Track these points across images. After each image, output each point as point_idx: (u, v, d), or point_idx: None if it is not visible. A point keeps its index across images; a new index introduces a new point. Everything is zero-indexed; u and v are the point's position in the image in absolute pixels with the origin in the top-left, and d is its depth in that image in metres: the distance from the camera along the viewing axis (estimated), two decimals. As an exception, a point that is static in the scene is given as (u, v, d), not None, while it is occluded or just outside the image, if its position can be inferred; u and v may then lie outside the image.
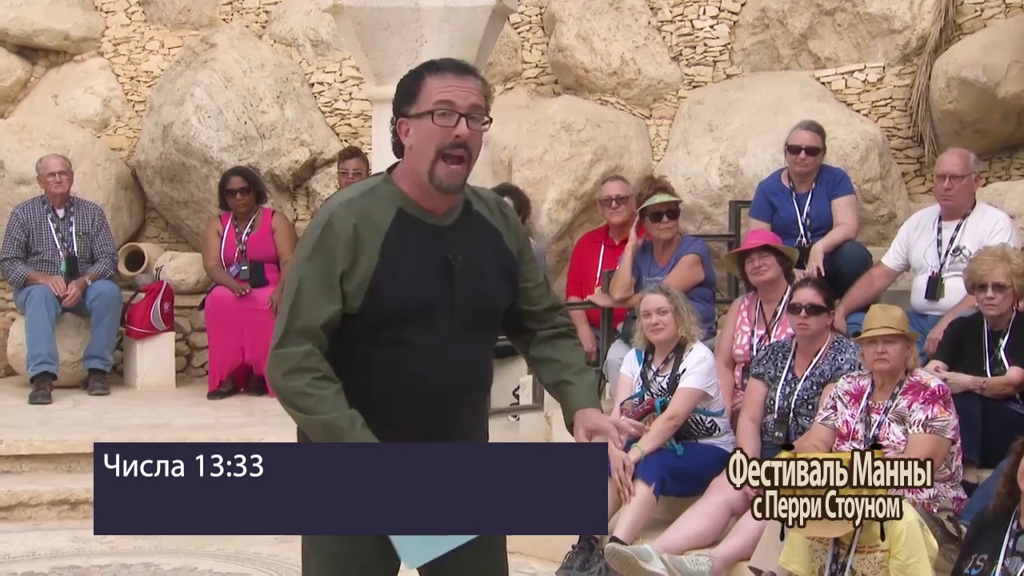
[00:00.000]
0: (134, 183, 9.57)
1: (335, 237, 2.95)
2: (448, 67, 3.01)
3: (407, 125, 3.01)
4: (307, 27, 9.60)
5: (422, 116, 2.97)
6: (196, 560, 6.05)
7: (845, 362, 5.74)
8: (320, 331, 2.94)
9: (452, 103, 2.96)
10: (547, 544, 6.01)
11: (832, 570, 4.59)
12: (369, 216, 2.97)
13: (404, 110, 3.01)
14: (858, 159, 7.96)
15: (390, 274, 2.95)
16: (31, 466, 7.13)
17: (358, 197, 3.02)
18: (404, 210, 3.00)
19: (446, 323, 2.99)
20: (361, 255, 2.94)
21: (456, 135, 2.96)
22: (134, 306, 8.76)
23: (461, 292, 3.01)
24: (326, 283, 2.94)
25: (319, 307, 2.94)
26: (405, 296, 2.96)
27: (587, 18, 8.99)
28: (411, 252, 2.97)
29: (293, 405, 2.94)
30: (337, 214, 2.98)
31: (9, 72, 9.72)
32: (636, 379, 6.08)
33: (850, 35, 8.59)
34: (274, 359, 2.95)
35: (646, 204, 6.83)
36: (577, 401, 3.17)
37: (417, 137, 2.99)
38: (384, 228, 2.96)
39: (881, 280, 6.66)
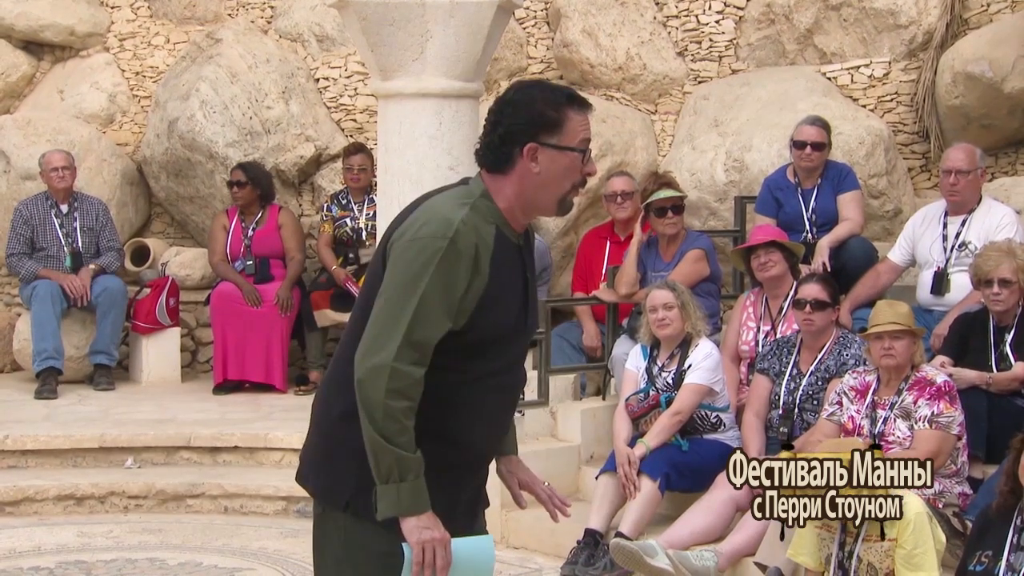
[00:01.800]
0: (139, 178, 9.58)
1: (458, 256, 2.92)
2: (584, 103, 3.09)
3: (541, 153, 3.01)
4: (312, 22, 9.59)
5: (566, 150, 3.02)
6: (201, 555, 6.06)
7: (850, 357, 5.74)
8: (431, 348, 2.92)
9: (589, 141, 3.08)
10: (552, 539, 6.01)
11: (839, 558, 4.59)
12: (482, 235, 2.97)
13: (542, 138, 3.01)
14: (864, 154, 7.95)
15: (494, 293, 2.97)
16: (37, 461, 7.14)
17: (470, 214, 2.98)
18: (500, 229, 3.02)
19: (521, 339, 3.12)
20: (476, 276, 2.95)
21: (588, 172, 3.07)
22: (139, 301, 8.77)
23: (531, 311, 3.12)
24: (447, 300, 2.92)
25: (439, 324, 2.92)
26: (506, 314, 3.02)
27: (592, 13, 8.98)
28: (507, 271, 3.02)
29: (378, 424, 2.88)
30: (461, 232, 2.94)
31: (15, 67, 9.72)
32: (641, 374, 6.08)
33: (856, 30, 8.57)
34: (386, 372, 2.87)
35: (650, 199, 6.83)
36: (510, 447, 3.31)
37: (553, 167, 3.02)
38: (491, 248, 2.98)
39: (887, 275, 6.65)
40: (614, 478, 5.83)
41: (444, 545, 2.92)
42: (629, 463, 5.74)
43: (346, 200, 8.67)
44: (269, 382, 8.55)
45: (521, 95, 3.07)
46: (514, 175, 3.02)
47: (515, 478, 3.32)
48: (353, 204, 8.60)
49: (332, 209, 8.68)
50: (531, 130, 3.01)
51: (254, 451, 7.26)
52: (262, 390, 8.52)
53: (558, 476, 6.55)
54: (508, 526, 6.28)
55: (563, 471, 6.57)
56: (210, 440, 7.27)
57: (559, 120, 3.02)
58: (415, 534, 2.90)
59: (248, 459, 7.25)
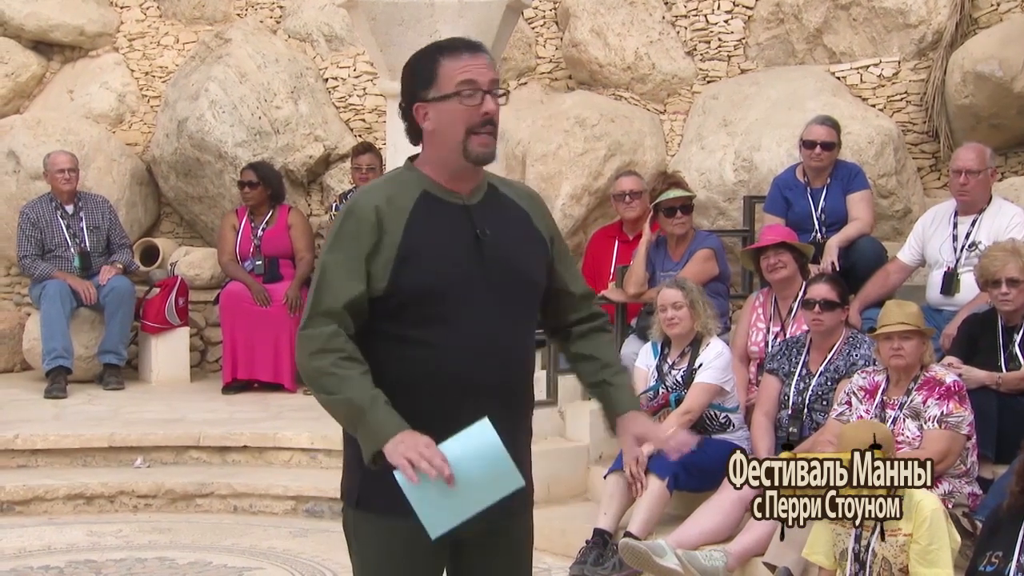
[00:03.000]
0: (149, 178, 9.59)
1: (356, 222, 2.96)
2: (461, 47, 3.02)
3: (425, 109, 3.00)
4: (321, 22, 9.60)
5: (445, 99, 2.97)
6: (211, 554, 6.07)
7: (860, 358, 5.73)
8: (344, 312, 2.93)
9: (474, 81, 2.96)
10: (561, 539, 6.01)
11: (855, 550, 4.59)
12: (392, 199, 2.98)
13: (421, 95, 3.00)
14: (873, 154, 7.94)
15: (416, 252, 2.94)
16: (46, 460, 7.15)
17: (381, 184, 3.06)
18: (428, 191, 3.01)
19: (482, 298, 2.97)
20: (384, 235, 2.94)
21: (485, 112, 2.97)
22: (149, 301, 8.78)
23: (493, 265, 2.99)
24: (349, 266, 2.94)
25: (343, 288, 2.93)
26: (435, 272, 2.94)
27: (601, 13, 8.97)
28: (437, 229, 2.97)
29: (318, 385, 2.93)
30: (359, 201, 3.00)
31: (24, 67, 9.75)
32: (651, 372, 6.07)
33: (865, 29, 8.56)
34: (300, 340, 2.95)
35: (659, 199, 6.83)
36: (621, 404, 3.15)
37: (441, 120, 2.99)
38: (408, 208, 2.97)
39: (896, 275, 6.64)
40: (622, 478, 5.82)
41: (423, 444, 2.81)
42: (637, 462, 5.74)
43: (355, 200, 8.67)
44: (278, 381, 8.56)
45: (406, 63, 3.10)
46: (424, 141, 3.04)
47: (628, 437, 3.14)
48: (362, 204, 8.59)
49: (341, 209, 8.69)
50: (414, 91, 3.02)
51: (263, 451, 7.26)
52: (271, 390, 8.53)
53: (566, 476, 6.56)
54: (517, 526, 6.27)
55: (571, 471, 6.57)
56: (219, 440, 7.28)
57: (432, 72, 2.99)
58: (393, 456, 2.81)
59: (257, 459, 7.26)
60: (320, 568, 5.84)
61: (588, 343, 3.22)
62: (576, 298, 3.22)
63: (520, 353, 3.08)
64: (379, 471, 2.88)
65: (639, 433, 3.12)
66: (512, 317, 3.02)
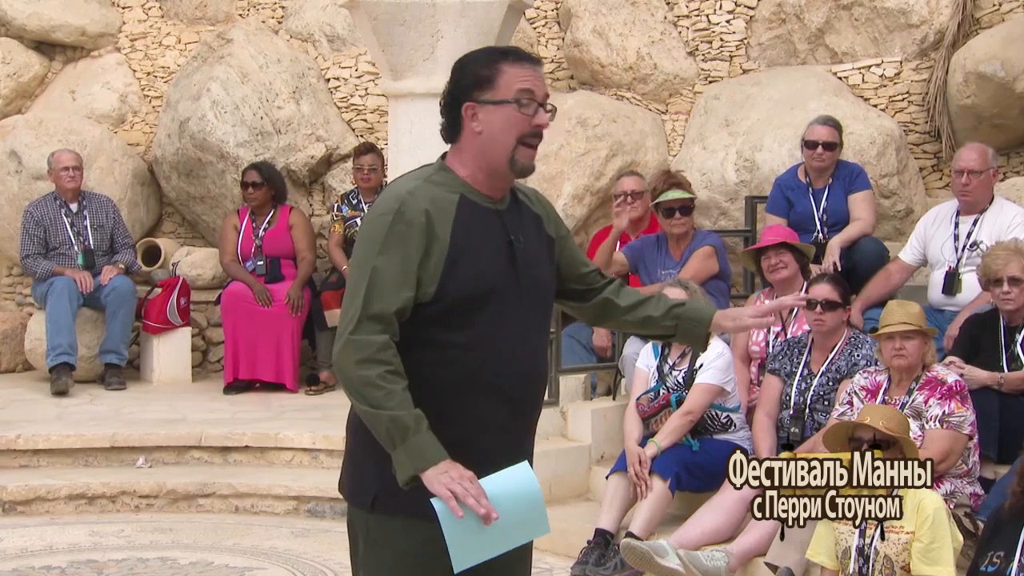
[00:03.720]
0: (151, 178, 9.60)
1: (408, 225, 2.92)
2: (524, 57, 3.06)
3: (476, 110, 3.01)
4: (323, 22, 9.60)
5: (501, 103, 2.99)
6: (212, 555, 6.07)
7: (861, 358, 5.72)
8: (394, 318, 2.90)
9: (533, 92, 3.01)
10: (562, 540, 6.01)
11: (859, 546, 4.59)
12: (437, 202, 2.96)
13: (476, 96, 3.00)
14: (875, 154, 7.93)
15: (462, 258, 2.94)
16: (48, 460, 7.15)
17: (423, 184, 3.00)
18: (465, 196, 3.01)
19: (515, 304, 3.00)
20: (434, 242, 2.93)
21: (537, 124, 3.02)
22: (150, 301, 8.79)
23: (522, 271, 3.03)
24: (402, 270, 2.91)
25: (395, 294, 2.90)
26: (477, 278, 2.95)
27: (603, 13, 8.97)
28: (478, 236, 2.98)
29: (360, 395, 2.89)
30: (407, 202, 2.95)
31: (27, 67, 9.75)
32: (652, 373, 6.07)
33: (867, 29, 8.55)
34: (348, 345, 2.89)
35: (659, 200, 6.83)
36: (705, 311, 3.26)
37: (493, 124, 3.00)
38: (452, 213, 2.96)
39: (898, 275, 6.63)
40: (624, 478, 5.82)
41: (468, 478, 2.83)
42: (640, 463, 5.74)
43: (357, 200, 8.68)
44: (280, 382, 8.56)
45: (459, 61, 3.09)
46: (465, 140, 3.03)
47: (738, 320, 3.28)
48: (364, 204, 8.60)
49: (343, 209, 8.69)
50: (467, 91, 3.01)
51: (265, 451, 7.26)
52: (273, 390, 8.53)
53: (568, 476, 6.55)
54: (518, 526, 6.27)
55: (573, 471, 6.57)
56: (221, 440, 7.28)
57: (492, 75, 3.00)
58: (435, 484, 2.82)
59: (259, 459, 7.26)
60: (322, 568, 5.84)
61: (626, 294, 3.29)
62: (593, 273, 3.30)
63: (542, 358, 3.15)
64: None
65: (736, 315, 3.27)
66: (536, 323, 3.08)
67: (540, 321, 3.10)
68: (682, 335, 3.28)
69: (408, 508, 2.93)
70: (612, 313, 3.30)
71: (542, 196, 3.25)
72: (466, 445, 2.94)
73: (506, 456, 2.99)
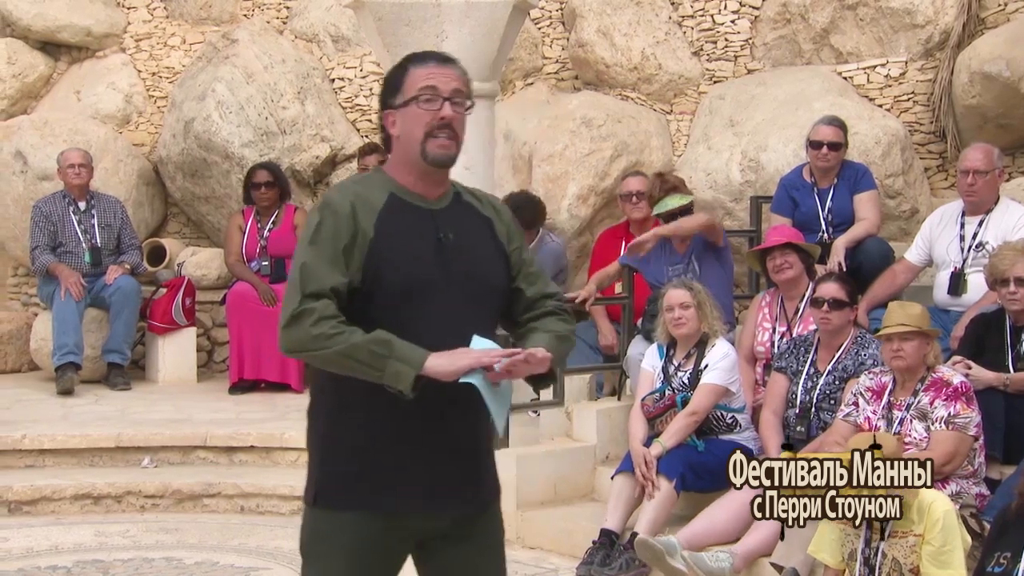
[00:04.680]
0: (156, 179, 9.61)
1: (333, 215, 3.06)
2: (430, 57, 3.18)
3: (393, 116, 3.15)
4: (328, 23, 9.61)
5: (408, 104, 3.12)
6: (217, 555, 6.07)
7: (867, 357, 5.72)
8: (332, 294, 3.00)
9: (435, 88, 3.10)
10: (568, 540, 6.01)
11: (865, 554, 4.58)
12: (363, 197, 3.10)
13: (390, 102, 3.16)
14: (880, 154, 7.93)
15: (386, 251, 3.05)
16: (54, 460, 7.16)
17: (350, 184, 3.17)
18: (396, 194, 3.13)
19: (444, 299, 3.07)
20: (359, 232, 3.04)
21: (441, 116, 3.09)
22: (156, 301, 8.80)
23: (454, 268, 3.10)
24: (330, 257, 3.02)
25: (327, 276, 3.00)
26: (401, 271, 3.05)
27: (608, 13, 8.97)
28: (404, 231, 3.09)
29: (328, 345, 2.96)
30: (333, 197, 3.11)
31: (32, 68, 9.76)
32: (657, 374, 6.07)
33: (872, 30, 8.55)
34: (294, 319, 2.98)
35: (660, 210, 6.77)
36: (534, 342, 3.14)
37: (404, 124, 3.13)
38: (377, 208, 3.09)
39: (903, 275, 6.63)
40: (630, 478, 5.82)
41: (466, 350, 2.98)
42: (646, 463, 5.74)
43: (361, 200, 8.68)
44: (285, 382, 8.56)
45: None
46: (393, 146, 3.19)
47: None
48: (368, 204, 8.60)
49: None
50: (384, 100, 3.18)
51: (270, 451, 7.27)
52: (278, 390, 8.54)
53: (573, 477, 6.55)
54: (523, 526, 6.28)
55: (578, 471, 6.57)
56: (226, 440, 7.29)
57: (400, 80, 3.15)
58: (449, 367, 2.95)
59: (264, 459, 7.27)
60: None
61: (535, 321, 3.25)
62: (529, 299, 3.27)
63: None
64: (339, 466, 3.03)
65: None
66: (472, 318, 3.10)
67: (478, 313, 3.13)
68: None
69: (350, 503, 3.03)
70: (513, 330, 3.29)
71: (498, 202, 3.33)
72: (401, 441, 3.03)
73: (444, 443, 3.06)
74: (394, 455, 3.04)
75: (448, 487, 3.08)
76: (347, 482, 3.03)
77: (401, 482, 3.04)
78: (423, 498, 3.06)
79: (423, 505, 3.06)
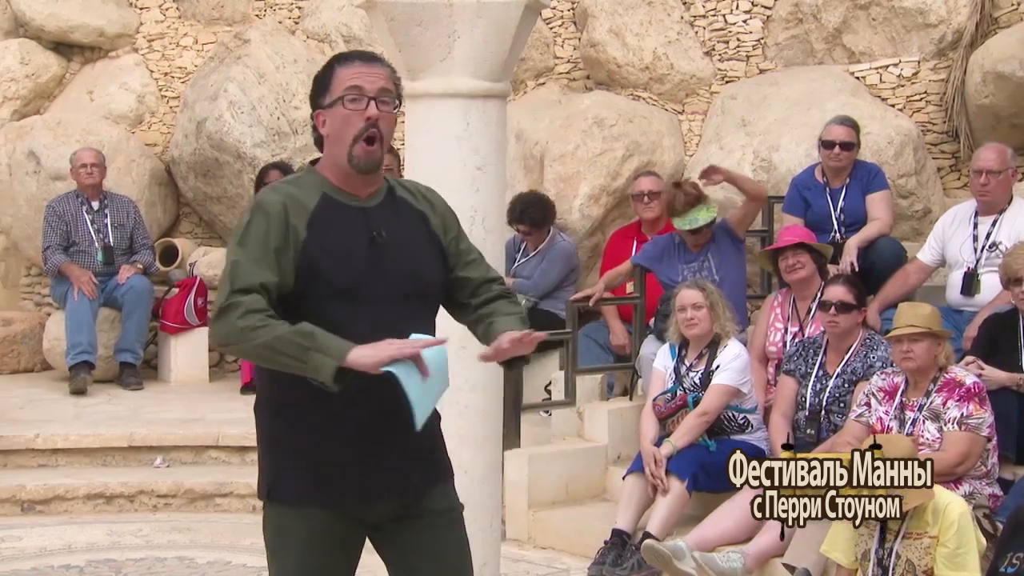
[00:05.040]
0: (168, 179, 9.63)
1: (264, 216, 3.07)
2: (355, 57, 3.20)
3: (323, 116, 3.17)
4: (340, 23, 9.62)
5: (334, 104, 3.14)
6: (230, 554, 6.08)
7: (877, 359, 5.71)
8: (261, 289, 3.01)
9: (361, 88, 3.12)
10: (579, 540, 6.02)
11: (879, 555, 4.57)
12: (296, 198, 3.11)
13: (319, 102, 3.18)
14: (893, 154, 7.91)
15: (318, 251, 3.06)
16: (67, 460, 7.18)
17: (283, 185, 3.18)
18: (328, 194, 3.14)
19: (378, 296, 3.09)
20: (291, 233, 3.06)
21: (367, 117, 3.11)
22: (168, 301, 8.82)
23: (388, 266, 3.12)
24: (259, 255, 3.03)
25: (255, 273, 3.01)
26: (334, 270, 3.06)
27: (619, 13, 8.97)
28: (336, 230, 3.10)
29: (252, 337, 2.97)
30: (265, 198, 3.13)
31: (45, 68, 9.79)
32: (669, 374, 6.06)
33: (885, 29, 8.53)
34: (223, 312, 3.00)
35: (688, 226, 6.66)
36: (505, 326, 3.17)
37: (332, 125, 3.15)
38: (310, 208, 3.10)
39: (916, 276, 6.61)
40: (641, 478, 5.82)
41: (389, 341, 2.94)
42: (656, 463, 5.74)
43: (373, 200, 8.69)
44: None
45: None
46: (325, 146, 3.20)
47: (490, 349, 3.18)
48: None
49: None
50: (313, 100, 3.21)
51: (282, 450, 7.27)
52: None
53: (584, 476, 6.55)
54: (535, 526, 6.28)
55: (590, 471, 6.57)
56: (238, 439, 7.30)
57: (327, 80, 3.17)
58: (370, 358, 2.92)
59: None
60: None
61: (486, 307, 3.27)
62: (475, 283, 3.30)
63: None
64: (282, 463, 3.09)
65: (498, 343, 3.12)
66: (408, 314, 3.12)
67: (415, 313, 3.14)
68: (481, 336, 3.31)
69: (295, 498, 3.09)
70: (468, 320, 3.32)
71: (433, 194, 3.33)
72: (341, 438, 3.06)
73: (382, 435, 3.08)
74: (332, 451, 3.07)
75: (388, 477, 3.11)
76: (291, 478, 3.09)
77: (341, 476, 3.08)
78: (364, 489, 3.10)
79: (365, 495, 3.10)
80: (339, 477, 3.09)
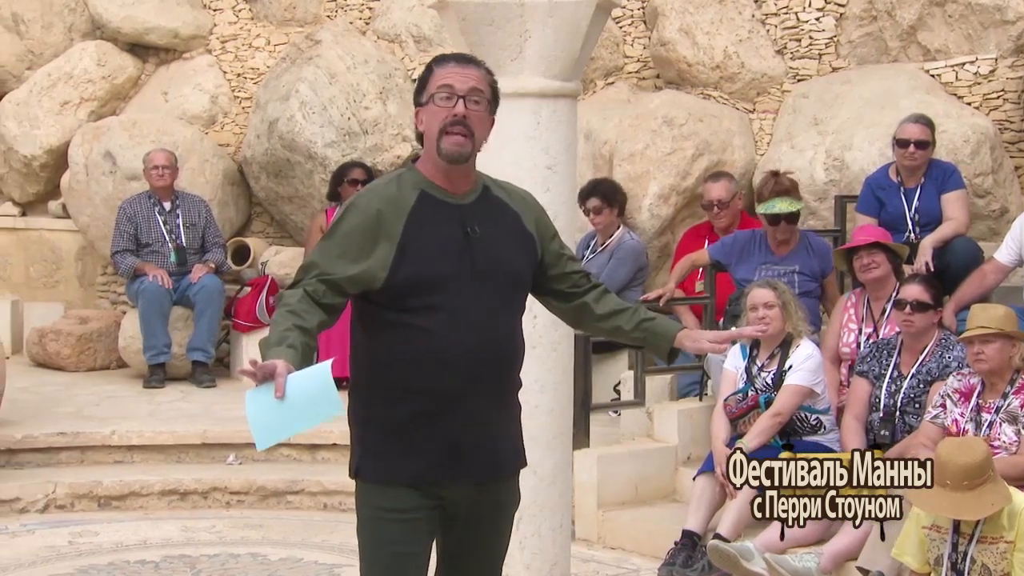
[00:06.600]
0: (240, 179, 9.72)
1: (357, 216, 3.29)
2: (452, 58, 3.39)
3: (421, 113, 3.36)
4: (410, 23, 9.66)
5: (428, 102, 3.33)
6: (302, 551, 6.13)
7: (952, 360, 5.63)
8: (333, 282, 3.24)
9: (452, 87, 3.30)
10: (649, 540, 6.00)
11: (952, 560, 4.51)
12: (394, 200, 3.30)
13: (418, 100, 3.38)
14: (969, 153, 7.80)
15: (414, 247, 3.25)
16: (142, 456, 7.28)
17: (382, 185, 3.38)
18: (426, 192, 3.33)
19: (470, 288, 3.27)
20: (384, 235, 3.26)
21: (454, 113, 3.28)
22: (240, 300, 8.90)
23: (480, 259, 3.30)
24: (340, 252, 3.26)
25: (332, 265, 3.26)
26: (427, 265, 3.25)
27: (690, 12, 8.92)
28: (433, 226, 3.29)
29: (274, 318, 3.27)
30: (361, 198, 3.34)
31: (121, 70, 9.93)
32: (740, 374, 6.02)
33: (961, 26, 8.41)
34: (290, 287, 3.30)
35: (766, 211, 6.68)
36: (671, 327, 3.51)
37: (427, 121, 3.34)
38: (408, 208, 3.29)
39: (993, 276, 6.51)
40: (712, 479, 5.79)
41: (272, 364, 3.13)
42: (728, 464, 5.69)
43: (443, 200, 8.71)
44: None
45: None
46: (424, 143, 3.39)
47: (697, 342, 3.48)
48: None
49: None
50: (415, 99, 3.41)
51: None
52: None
53: (654, 477, 6.53)
54: (605, 527, 6.27)
55: (660, 472, 6.55)
56: (309, 437, 7.34)
57: (426, 80, 3.37)
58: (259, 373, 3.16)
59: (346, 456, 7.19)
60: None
61: (606, 302, 3.54)
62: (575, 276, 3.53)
63: (507, 338, 3.38)
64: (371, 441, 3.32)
65: (697, 337, 3.50)
66: (497, 307, 3.32)
67: (504, 303, 3.34)
68: (649, 348, 3.59)
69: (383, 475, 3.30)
70: (587, 318, 3.56)
71: (530, 199, 3.52)
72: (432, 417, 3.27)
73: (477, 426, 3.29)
74: (419, 431, 3.27)
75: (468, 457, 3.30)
76: (381, 458, 3.30)
77: (425, 454, 3.27)
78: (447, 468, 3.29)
79: (446, 474, 3.29)
80: (426, 455, 3.27)
